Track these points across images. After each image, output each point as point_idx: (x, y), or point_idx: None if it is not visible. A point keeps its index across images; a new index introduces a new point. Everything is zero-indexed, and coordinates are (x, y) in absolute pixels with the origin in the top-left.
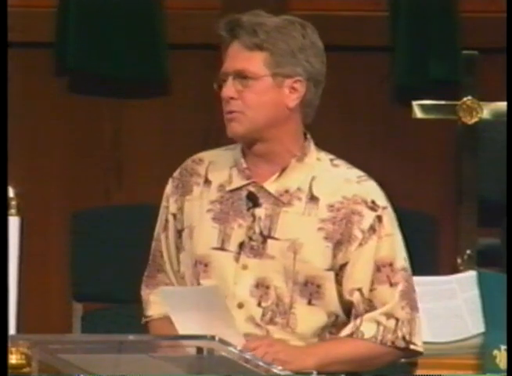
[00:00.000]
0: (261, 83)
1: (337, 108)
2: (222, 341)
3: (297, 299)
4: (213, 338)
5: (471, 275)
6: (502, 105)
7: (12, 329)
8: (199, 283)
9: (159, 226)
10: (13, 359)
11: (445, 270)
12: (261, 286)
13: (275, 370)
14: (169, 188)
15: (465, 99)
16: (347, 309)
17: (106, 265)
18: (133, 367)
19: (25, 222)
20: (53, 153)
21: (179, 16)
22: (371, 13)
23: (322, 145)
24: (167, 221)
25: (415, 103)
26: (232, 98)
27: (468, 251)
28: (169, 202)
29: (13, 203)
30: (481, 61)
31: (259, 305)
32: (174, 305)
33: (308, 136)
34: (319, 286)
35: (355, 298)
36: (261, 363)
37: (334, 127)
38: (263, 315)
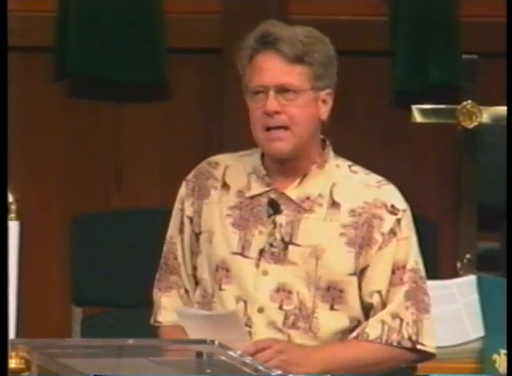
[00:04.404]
0: (304, 97)
1: (336, 112)
2: (222, 346)
3: (320, 304)
4: (212, 342)
5: (471, 279)
6: (502, 109)
7: (11, 333)
8: (221, 289)
9: (173, 229)
10: (13, 363)
11: (445, 275)
12: (283, 291)
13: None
14: (183, 191)
15: (465, 103)
16: (368, 313)
17: (105, 270)
18: (133, 372)
19: (24, 226)
20: (53, 158)
21: (179, 21)
22: (371, 18)
23: None
24: (182, 223)
25: (414, 107)
26: (276, 112)
27: (468, 256)
28: (184, 205)
29: (13, 207)
30: (480, 65)
31: (280, 308)
32: (189, 325)
33: (328, 143)
34: (341, 291)
35: (375, 300)
36: (260, 368)
37: (333, 131)
38: (285, 319)
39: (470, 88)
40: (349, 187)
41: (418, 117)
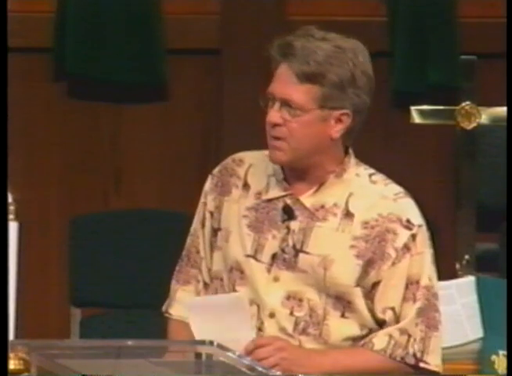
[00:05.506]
0: (308, 116)
1: None
2: (221, 347)
3: (331, 311)
4: (211, 343)
5: (470, 280)
6: (501, 110)
7: (10, 334)
8: (235, 290)
9: (196, 222)
10: (12, 364)
11: (444, 275)
12: (293, 298)
13: None
14: (208, 185)
15: (463, 104)
16: (382, 323)
17: (104, 271)
18: (131, 373)
19: (24, 227)
20: (52, 159)
21: (178, 21)
22: (370, 18)
23: None
24: (204, 218)
25: (413, 108)
26: (276, 124)
27: (467, 256)
28: (207, 199)
29: (12, 208)
30: (479, 66)
31: (291, 314)
32: (196, 315)
33: (350, 151)
34: (349, 302)
35: (388, 316)
36: (259, 368)
37: None
38: (296, 324)
39: (469, 89)
40: (365, 198)
41: (417, 118)
